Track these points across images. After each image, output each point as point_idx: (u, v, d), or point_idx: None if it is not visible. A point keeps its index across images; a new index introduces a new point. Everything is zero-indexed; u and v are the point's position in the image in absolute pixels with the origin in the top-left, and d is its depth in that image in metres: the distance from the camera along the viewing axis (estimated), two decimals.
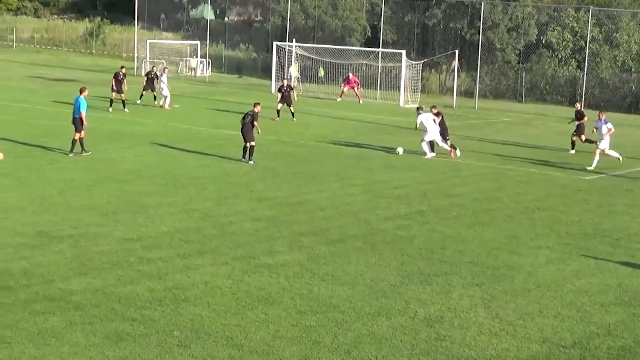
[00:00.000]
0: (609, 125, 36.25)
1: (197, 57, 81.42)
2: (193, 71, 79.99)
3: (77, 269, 18.79)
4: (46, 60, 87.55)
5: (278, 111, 47.77)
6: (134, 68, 79.43)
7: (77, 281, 17.96)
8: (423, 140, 37.30)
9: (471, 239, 23.22)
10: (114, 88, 48.88)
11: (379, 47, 71.32)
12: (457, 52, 66.79)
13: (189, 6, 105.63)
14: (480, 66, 68.56)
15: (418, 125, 37.70)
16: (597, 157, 35.74)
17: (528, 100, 71.02)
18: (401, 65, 63.36)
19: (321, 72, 72.29)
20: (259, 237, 22.35)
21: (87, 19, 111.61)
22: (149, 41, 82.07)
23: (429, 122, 37.05)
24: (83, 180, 28.65)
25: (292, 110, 47.86)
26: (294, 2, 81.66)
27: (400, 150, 37.78)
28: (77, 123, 33.36)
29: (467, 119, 55.29)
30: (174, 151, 35.51)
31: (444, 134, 37.51)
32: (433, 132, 37.04)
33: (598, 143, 36.53)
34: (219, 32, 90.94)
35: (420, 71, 66.05)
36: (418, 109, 38.82)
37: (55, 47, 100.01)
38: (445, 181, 31.96)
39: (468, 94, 70.33)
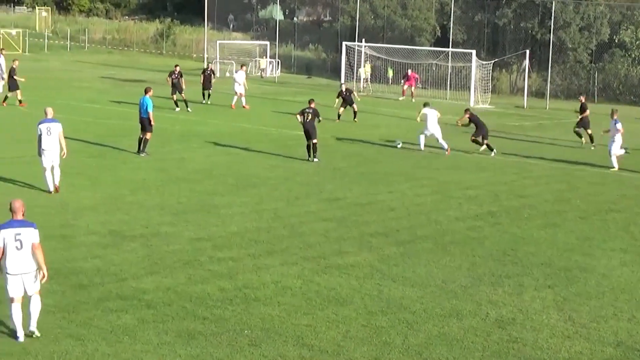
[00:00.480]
0: (619, 125, 35.25)
1: (266, 57, 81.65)
2: (262, 72, 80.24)
3: (149, 268, 18.95)
4: (117, 61, 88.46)
5: (339, 115, 47.53)
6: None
7: (149, 280, 18.12)
8: (421, 132, 38.09)
9: (543, 240, 23.00)
10: (171, 88, 49.34)
11: (448, 47, 70.95)
12: (527, 51, 66.15)
13: (258, 7, 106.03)
14: (551, 66, 67.83)
15: (418, 118, 38.81)
16: (613, 159, 35.17)
17: (600, 100, 70.10)
18: (471, 65, 62.95)
19: (390, 73, 72.12)
20: (329, 237, 22.35)
21: (157, 20, 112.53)
22: (218, 42, 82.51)
23: (432, 117, 37.69)
24: (154, 180, 28.89)
25: (356, 110, 47.61)
26: (363, 2, 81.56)
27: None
28: (145, 123, 33.62)
29: (538, 120, 54.77)
30: (244, 151, 35.65)
31: (482, 133, 37.83)
32: (433, 128, 37.59)
33: (610, 146, 35.55)
34: (288, 33, 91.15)
35: (491, 71, 65.59)
36: (425, 104, 39.47)
37: (126, 48, 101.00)
38: (517, 182, 31.69)
39: (539, 94, 69.66)
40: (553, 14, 68.10)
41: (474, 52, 63.80)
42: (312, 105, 34.41)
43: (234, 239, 21.78)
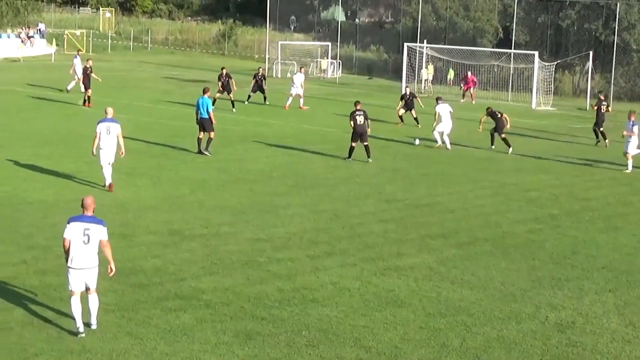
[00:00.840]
0: (637, 127, 34.61)
1: (327, 58, 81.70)
2: (324, 72, 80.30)
3: (208, 268, 19.05)
4: (179, 62, 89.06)
5: (401, 117, 47.31)
6: (265, 69, 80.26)
7: (207, 280, 18.21)
8: (434, 129, 38.75)
9: (604, 243, 22.76)
10: (220, 89, 49.62)
11: (510, 49, 70.51)
12: (591, 53, 65.53)
13: (320, 8, 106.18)
14: (615, 68, 67.13)
15: (436, 116, 38.76)
16: (630, 161, 34.54)
17: None
18: (533, 67, 62.49)
19: (450, 75, 71.84)
20: (388, 238, 22.30)
21: (219, 21, 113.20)
22: (280, 42, 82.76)
23: (445, 113, 38.40)
24: (215, 180, 29.04)
25: (415, 116, 47.12)
26: (426, 3, 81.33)
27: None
28: (206, 123, 33.79)
29: None
30: (304, 152, 35.70)
31: (499, 129, 38.46)
32: (447, 124, 38.43)
33: (626, 147, 34.94)
34: (349, 34, 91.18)
35: (553, 73, 65.03)
36: (437, 99, 40.18)
37: (188, 49, 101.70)
38: (578, 185, 31.38)
39: None
40: (617, 15, 67.38)
41: (536, 53, 63.31)
42: (359, 107, 34.40)
43: (293, 239, 21.82)
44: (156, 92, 58.69)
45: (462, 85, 64.71)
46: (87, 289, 15.22)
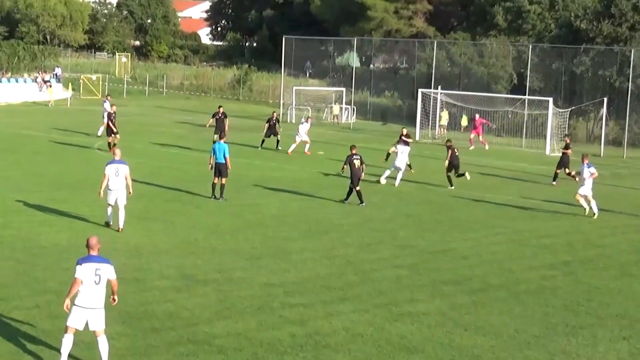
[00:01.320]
0: (592, 169, 34.08)
1: (340, 104, 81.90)
2: (336, 118, 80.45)
3: (221, 313, 19.03)
4: (194, 107, 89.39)
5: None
6: (280, 114, 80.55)
7: (220, 325, 18.18)
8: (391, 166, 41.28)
9: (618, 291, 22.67)
10: (213, 125, 51.67)
11: (525, 95, 70.62)
12: (605, 99, 65.57)
13: (335, 54, 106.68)
14: (629, 114, 67.15)
15: (391, 151, 42.41)
16: (583, 202, 34.04)
17: None
18: (548, 113, 62.55)
19: (464, 121, 71.82)
20: (401, 284, 22.26)
21: (235, 66, 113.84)
22: (294, 88, 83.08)
23: (403, 153, 41.08)
24: (228, 225, 29.06)
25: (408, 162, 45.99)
26: (440, 49, 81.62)
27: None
28: (222, 168, 33.89)
29: (615, 169, 54.14)
30: (318, 197, 35.70)
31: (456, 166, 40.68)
32: (401, 161, 40.80)
33: (579, 188, 34.57)
34: (364, 79, 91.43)
35: (567, 119, 65.08)
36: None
37: (203, 94, 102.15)
38: (593, 231, 31.31)
39: (616, 142, 68.88)
40: (632, 62, 67.49)
41: (550, 99, 63.41)
42: (355, 151, 34.69)
43: (306, 284, 21.80)
44: (171, 136, 58.88)
45: (470, 131, 63.84)
46: (95, 331, 15.40)
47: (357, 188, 34.13)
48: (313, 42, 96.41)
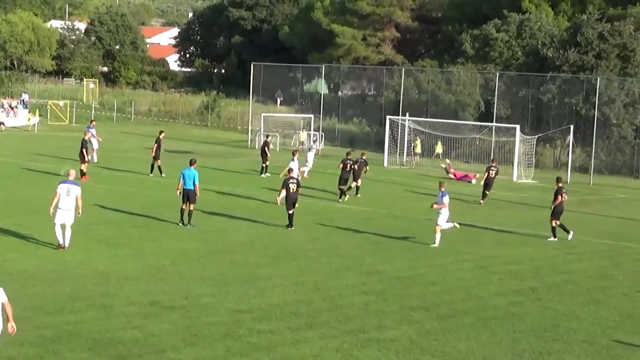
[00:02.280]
0: (446, 199, 32.45)
1: (308, 130, 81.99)
2: (302, 145, 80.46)
3: (188, 339, 18.95)
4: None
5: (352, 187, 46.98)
6: (248, 141, 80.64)
7: (187, 351, 18.11)
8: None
9: (585, 316, 22.77)
10: (153, 154, 50.82)
11: (492, 122, 71.05)
12: (572, 127, 66.10)
13: (303, 81, 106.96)
14: (595, 141, 67.76)
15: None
16: (438, 234, 32.27)
17: None
18: (515, 140, 62.95)
19: (439, 149, 71.86)
20: (369, 311, 22.26)
21: (203, 93, 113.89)
22: (263, 114, 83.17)
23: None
24: (196, 251, 28.98)
25: (358, 184, 46.17)
26: (408, 76, 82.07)
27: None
28: (191, 195, 33.81)
29: (581, 195, 54.49)
30: (285, 223, 35.66)
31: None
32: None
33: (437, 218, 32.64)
34: (332, 106, 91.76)
35: (534, 146, 65.54)
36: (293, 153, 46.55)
37: (171, 120, 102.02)
38: (559, 257, 31.46)
39: (583, 169, 69.44)
40: (598, 90, 68.17)
41: (517, 127, 63.88)
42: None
43: (274, 311, 21.75)
44: (138, 162, 58.70)
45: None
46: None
47: (290, 212, 34.29)
48: (281, 69, 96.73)
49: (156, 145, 50.87)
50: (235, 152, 71.48)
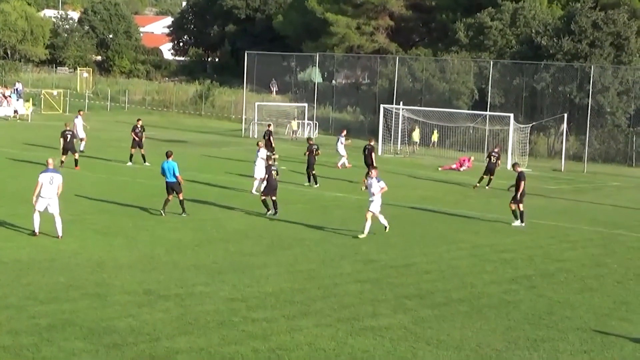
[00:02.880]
0: (382, 183, 30.94)
1: (299, 119, 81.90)
2: (294, 133, 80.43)
3: (183, 328, 18.95)
4: (156, 122, 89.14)
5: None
6: (241, 130, 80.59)
7: (182, 340, 18.10)
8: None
9: (579, 304, 22.81)
10: (136, 140, 50.92)
11: (486, 110, 71.06)
12: (565, 115, 66.12)
13: (297, 69, 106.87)
14: (589, 130, 67.80)
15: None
16: (368, 222, 30.89)
17: (639, 164, 69.90)
18: (509, 129, 62.96)
19: (435, 137, 71.93)
20: (364, 299, 22.28)
21: (197, 82, 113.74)
22: (257, 103, 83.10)
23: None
24: (190, 240, 28.97)
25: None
26: (402, 65, 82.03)
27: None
28: (175, 186, 33.55)
29: (575, 183, 54.59)
30: (280, 212, 35.65)
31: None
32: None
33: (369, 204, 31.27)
34: (326, 95, 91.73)
35: (528, 134, 65.57)
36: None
37: (165, 109, 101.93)
38: (553, 246, 31.49)
39: (577, 157, 69.50)
40: (591, 78, 68.18)
41: (511, 115, 63.86)
42: (271, 162, 35.19)
43: (269, 299, 21.76)
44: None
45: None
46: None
47: (274, 198, 34.32)
48: (275, 57, 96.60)
49: (134, 133, 50.85)
50: (229, 141, 71.41)
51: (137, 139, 50.95)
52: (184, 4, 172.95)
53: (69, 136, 47.49)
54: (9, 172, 45.10)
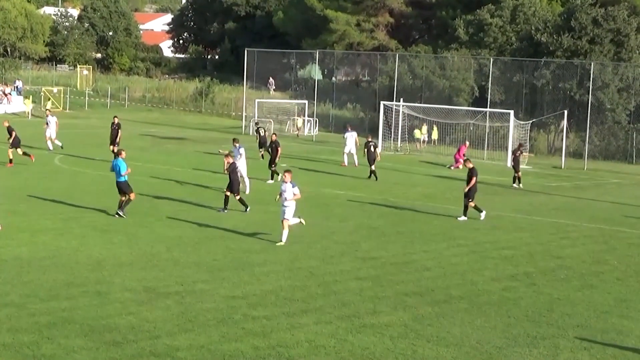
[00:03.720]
0: (296, 189, 28.82)
1: (303, 116, 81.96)
2: (299, 130, 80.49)
3: (183, 325, 18.96)
4: (156, 119, 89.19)
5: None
6: (242, 127, 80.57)
7: (182, 337, 18.11)
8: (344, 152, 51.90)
9: (579, 301, 22.81)
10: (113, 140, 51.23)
11: (486, 107, 71.02)
12: (566, 112, 66.06)
13: (297, 66, 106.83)
14: (589, 127, 67.77)
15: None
16: (285, 231, 28.68)
17: (639, 161, 69.89)
18: (509, 125, 62.93)
19: (435, 135, 72.04)
20: (364, 296, 22.28)
21: (197, 79, 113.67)
22: (257, 100, 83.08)
23: (351, 139, 52.63)
24: (190, 237, 28.97)
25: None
26: (402, 62, 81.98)
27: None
28: (123, 186, 32.53)
29: (576, 180, 54.57)
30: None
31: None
32: (351, 145, 52.88)
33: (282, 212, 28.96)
34: (326, 92, 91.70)
35: (529, 131, 65.51)
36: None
37: (165, 106, 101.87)
38: (553, 242, 31.48)
39: (577, 154, 69.47)
40: (592, 75, 68.14)
41: (511, 112, 63.80)
42: (230, 160, 35.08)
43: (269, 297, 21.77)
44: (133, 149, 58.54)
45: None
46: None
47: (238, 197, 34.44)
48: (275, 54, 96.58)
49: (112, 130, 51.03)
50: (230, 139, 71.31)
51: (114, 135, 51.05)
52: (184, 1, 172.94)
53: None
54: (9, 169, 45.05)
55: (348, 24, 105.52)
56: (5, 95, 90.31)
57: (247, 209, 34.32)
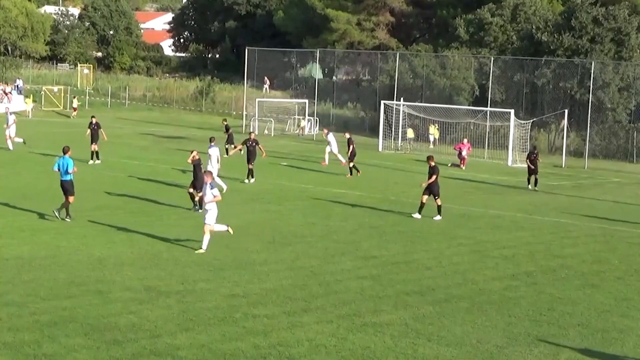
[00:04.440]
0: (215, 191, 27.05)
1: (306, 116, 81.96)
2: (301, 130, 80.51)
3: (184, 324, 18.95)
4: (157, 118, 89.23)
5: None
6: (242, 126, 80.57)
7: (183, 336, 18.11)
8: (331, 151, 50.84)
9: (580, 301, 22.80)
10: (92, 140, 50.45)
11: (487, 106, 71.01)
12: (566, 111, 66.08)
13: (298, 65, 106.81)
14: (590, 126, 67.75)
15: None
16: (206, 235, 27.00)
17: None
18: (509, 125, 62.93)
19: (435, 134, 72.04)
20: (364, 295, 22.28)
21: (197, 78, 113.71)
22: (257, 99, 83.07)
23: (332, 138, 51.69)
24: (191, 236, 28.93)
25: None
26: (403, 61, 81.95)
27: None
28: (68, 186, 31.03)
29: (576, 179, 54.57)
30: (281, 208, 35.70)
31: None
32: (333, 145, 51.50)
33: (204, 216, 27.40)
34: (326, 91, 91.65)
35: (529, 130, 65.53)
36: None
37: (166, 105, 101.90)
38: (554, 242, 31.48)
39: (577, 153, 69.48)
40: (592, 74, 68.11)
41: (512, 111, 63.81)
42: (196, 155, 34.79)
43: (270, 296, 21.76)
44: (133, 148, 58.69)
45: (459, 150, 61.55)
46: None
47: (200, 194, 34.23)
48: (276, 53, 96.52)
49: (90, 130, 50.68)
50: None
51: (92, 134, 50.66)
52: (184, 0, 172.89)
53: None
54: (10, 168, 45.10)
55: (349, 23, 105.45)
56: (6, 94, 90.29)
57: (197, 209, 33.63)
